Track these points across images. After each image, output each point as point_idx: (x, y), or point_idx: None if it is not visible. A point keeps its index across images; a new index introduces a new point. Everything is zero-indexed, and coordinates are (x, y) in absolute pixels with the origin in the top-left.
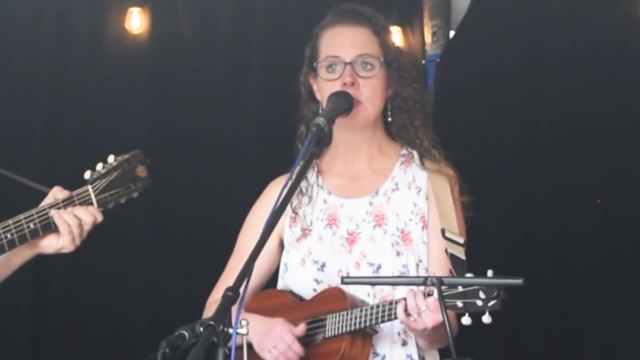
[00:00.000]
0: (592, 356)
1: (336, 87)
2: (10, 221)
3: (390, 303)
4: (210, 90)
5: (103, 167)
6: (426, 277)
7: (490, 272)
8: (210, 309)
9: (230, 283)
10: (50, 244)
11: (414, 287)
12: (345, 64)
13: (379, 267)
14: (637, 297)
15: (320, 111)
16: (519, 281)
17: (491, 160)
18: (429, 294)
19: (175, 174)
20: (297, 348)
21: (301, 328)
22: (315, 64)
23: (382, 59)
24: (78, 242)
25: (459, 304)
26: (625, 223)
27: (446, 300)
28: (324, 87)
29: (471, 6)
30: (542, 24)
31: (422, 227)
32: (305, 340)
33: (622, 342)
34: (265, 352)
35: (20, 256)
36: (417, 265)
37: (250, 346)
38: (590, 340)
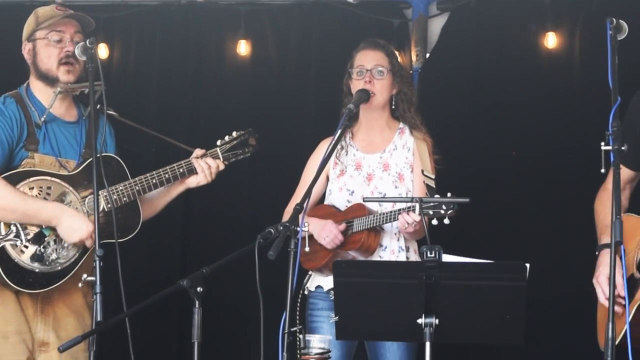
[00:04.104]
0: (510, 242)
1: (361, 83)
2: (167, 167)
3: (392, 212)
4: (286, 89)
5: (228, 137)
6: (412, 198)
7: (449, 194)
8: (286, 215)
9: (298, 200)
10: (193, 181)
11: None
12: (367, 70)
13: (385, 194)
14: (542, 207)
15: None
16: (466, 200)
17: (451, 131)
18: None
19: (269, 139)
20: (340, 237)
21: (343, 226)
22: (350, 70)
23: (389, 69)
24: (209, 179)
25: (431, 212)
26: (529, 166)
27: (424, 209)
28: (354, 84)
29: (439, 40)
30: (481, 50)
31: (411, 172)
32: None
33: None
34: (322, 239)
35: (175, 189)
36: (407, 193)
37: (310, 237)
38: (509, 234)
